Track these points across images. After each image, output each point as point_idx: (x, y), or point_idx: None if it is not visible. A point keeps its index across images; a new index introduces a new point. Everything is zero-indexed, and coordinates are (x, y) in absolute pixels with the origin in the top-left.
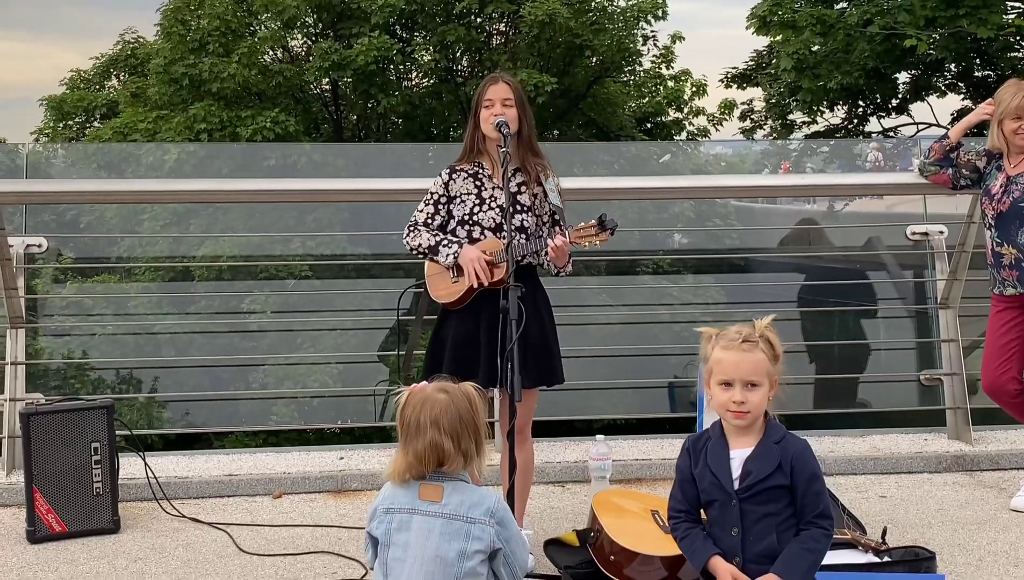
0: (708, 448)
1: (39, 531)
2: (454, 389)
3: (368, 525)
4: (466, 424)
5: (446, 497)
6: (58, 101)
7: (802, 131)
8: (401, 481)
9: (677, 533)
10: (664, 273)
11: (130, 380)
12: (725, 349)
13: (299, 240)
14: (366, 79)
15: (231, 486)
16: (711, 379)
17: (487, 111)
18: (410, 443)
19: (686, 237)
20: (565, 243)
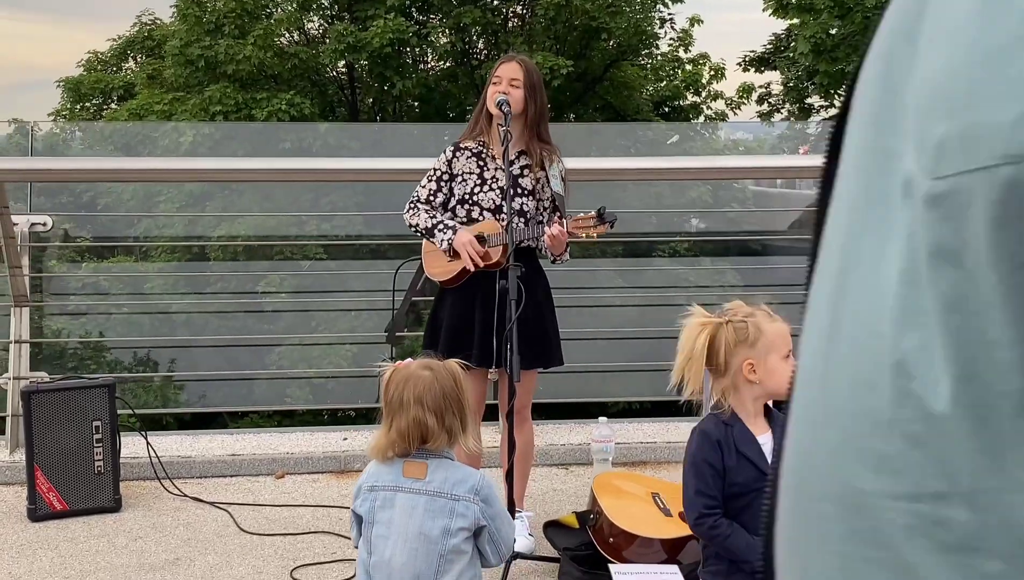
0: (735, 438)
1: (40, 509)
2: (438, 366)
3: (353, 503)
4: (450, 401)
5: (430, 474)
6: (75, 83)
7: (820, 115)
8: (384, 458)
9: (721, 529)
10: (680, 256)
11: (147, 361)
12: (773, 320)
13: (314, 222)
14: (381, 62)
15: (234, 466)
16: (768, 357)
17: (494, 88)
18: (393, 420)
19: (703, 221)
20: (562, 232)
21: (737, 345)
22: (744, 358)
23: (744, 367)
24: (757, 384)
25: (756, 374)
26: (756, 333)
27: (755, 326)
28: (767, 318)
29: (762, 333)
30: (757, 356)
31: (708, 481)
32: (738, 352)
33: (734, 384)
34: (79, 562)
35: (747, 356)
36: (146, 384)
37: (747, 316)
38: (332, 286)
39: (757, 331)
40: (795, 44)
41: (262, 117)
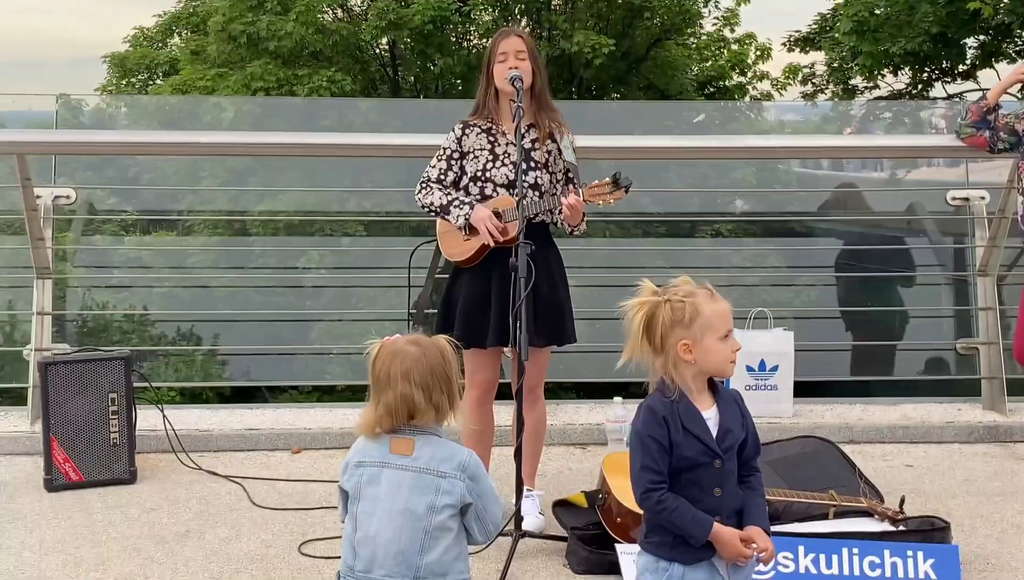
0: (680, 413)
1: (56, 480)
2: (426, 342)
3: (340, 479)
4: (438, 377)
5: (417, 451)
6: (121, 58)
7: (864, 96)
8: (371, 434)
9: (666, 503)
10: (723, 237)
11: (190, 335)
12: (714, 301)
13: (355, 199)
14: (423, 39)
15: (251, 440)
16: (705, 338)
17: (501, 65)
18: (381, 395)
19: (747, 202)
20: (579, 201)
21: (673, 325)
22: (679, 338)
23: (680, 347)
24: (693, 363)
25: (692, 354)
26: (693, 313)
27: (693, 306)
28: (708, 298)
29: (699, 314)
30: (693, 336)
31: (654, 456)
32: (674, 332)
33: (673, 363)
34: (91, 532)
35: (682, 336)
36: (187, 358)
37: (687, 295)
38: (372, 263)
39: (695, 311)
40: (839, 24)
41: (303, 94)
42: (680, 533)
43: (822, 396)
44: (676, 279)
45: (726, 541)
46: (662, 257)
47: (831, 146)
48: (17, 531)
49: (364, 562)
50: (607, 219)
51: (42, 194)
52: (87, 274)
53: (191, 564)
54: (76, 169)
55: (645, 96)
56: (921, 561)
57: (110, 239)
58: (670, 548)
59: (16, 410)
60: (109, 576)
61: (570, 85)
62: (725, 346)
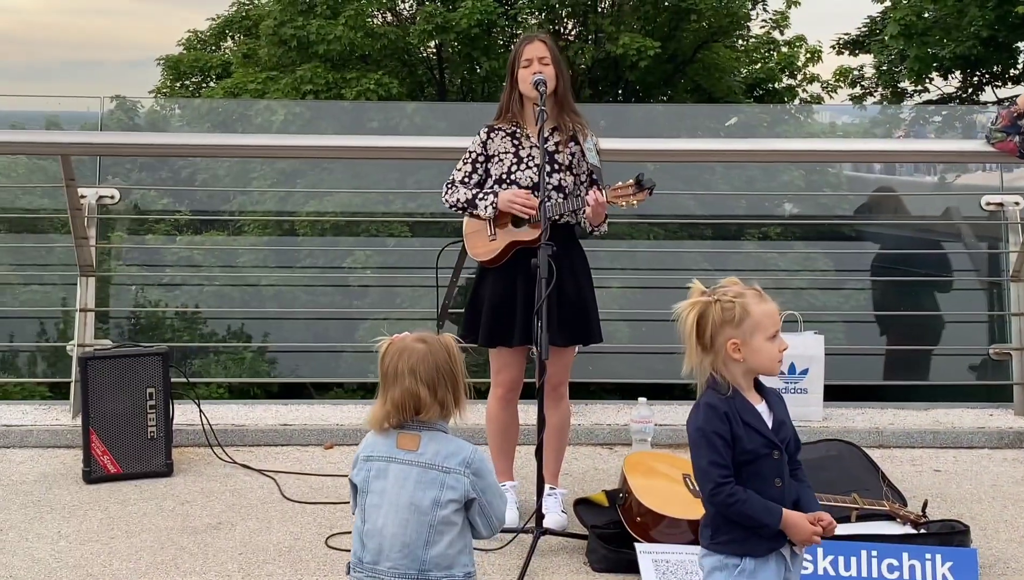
0: (737, 408)
1: (95, 472)
2: (433, 339)
3: (350, 472)
4: (443, 374)
5: (423, 446)
6: (174, 61)
7: (913, 100)
8: (380, 429)
9: (738, 495)
10: (770, 240)
11: (240, 334)
12: (763, 301)
13: (400, 201)
14: (470, 42)
15: (285, 435)
16: (753, 337)
17: (525, 70)
18: (388, 391)
19: (795, 205)
20: (603, 201)
21: (723, 324)
22: (729, 337)
23: (729, 346)
24: (741, 362)
25: (740, 353)
26: (743, 313)
27: (742, 306)
28: (757, 298)
29: (749, 314)
30: (742, 335)
31: (720, 451)
32: (723, 331)
33: (723, 361)
34: (126, 523)
35: (732, 335)
36: (237, 356)
37: (736, 296)
38: (416, 263)
39: (744, 311)
40: (887, 28)
41: (351, 97)
42: (753, 524)
43: (856, 400)
44: (725, 280)
45: (797, 524)
46: (705, 259)
47: (853, 150)
48: (55, 520)
49: (372, 554)
50: (651, 221)
51: (87, 194)
52: (135, 273)
53: (221, 555)
54: (131, 170)
55: (692, 99)
56: (939, 564)
57: (162, 238)
58: (742, 543)
59: (59, 404)
60: (142, 565)
61: (616, 88)
62: (773, 345)
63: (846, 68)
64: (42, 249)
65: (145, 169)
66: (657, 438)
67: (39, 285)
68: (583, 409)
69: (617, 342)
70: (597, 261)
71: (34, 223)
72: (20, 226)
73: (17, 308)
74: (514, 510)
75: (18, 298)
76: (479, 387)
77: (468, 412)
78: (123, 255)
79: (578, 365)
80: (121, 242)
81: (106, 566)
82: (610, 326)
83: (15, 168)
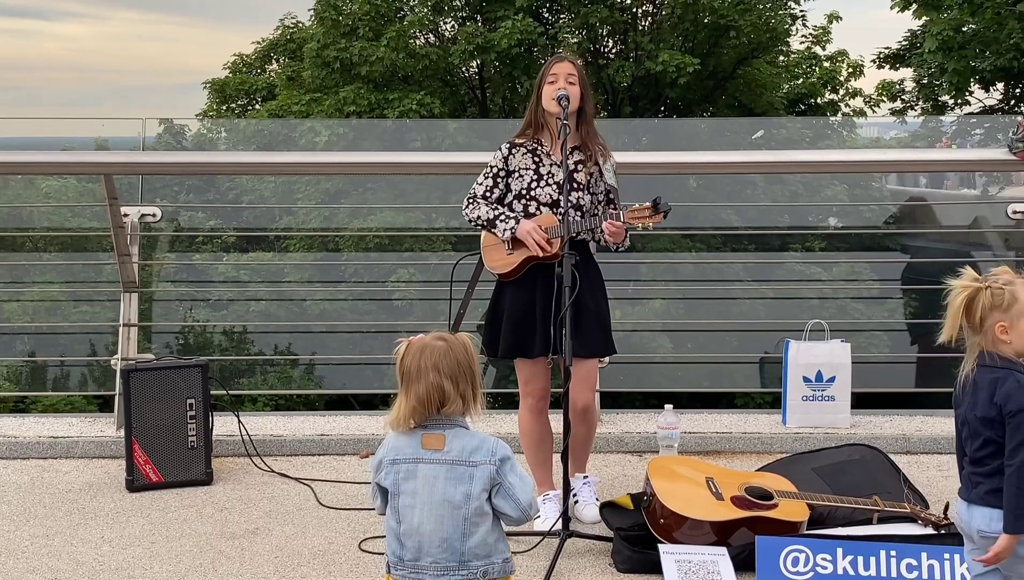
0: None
1: (137, 481)
2: (451, 337)
3: (375, 476)
4: (463, 369)
5: (448, 445)
6: (220, 84)
7: (954, 112)
8: (405, 427)
9: None
10: (811, 251)
11: (286, 350)
12: None
13: (443, 219)
14: (510, 62)
15: (322, 445)
16: (1020, 321)
17: (551, 87)
18: (411, 388)
19: (840, 219)
20: (620, 227)
21: (992, 309)
22: (997, 321)
23: (997, 328)
24: (1008, 344)
25: (1008, 335)
26: (1011, 299)
27: (1011, 293)
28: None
29: (1017, 300)
30: (1009, 319)
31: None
32: (992, 315)
33: (992, 341)
34: (166, 529)
35: (1000, 319)
36: (283, 375)
37: (1006, 283)
38: (461, 278)
39: (1012, 298)
40: (925, 42)
41: (393, 117)
42: None
43: (884, 407)
44: (997, 269)
45: None
46: (746, 271)
47: (872, 160)
48: (98, 527)
49: (412, 552)
50: (692, 233)
51: (129, 212)
52: (183, 290)
53: (257, 558)
54: (179, 192)
55: (733, 115)
56: (958, 564)
57: (209, 257)
58: None
59: (105, 416)
60: (182, 568)
61: (656, 105)
62: None
63: (888, 82)
64: (91, 269)
65: (193, 191)
66: (685, 445)
67: (88, 303)
68: (613, 418)
69: (659, 353)
70: (637, 273)
71: (84, 243)
72: (72, 246)
73: (68, 324)
74: (555, 518)
75: (69, 317)
76: (509, 397)
77: (482, 409)
78: (173, 274)
79: (612, 375)
80: (169, 261)
81: (147, 569)
82: (652, 338)
83: (65, 192)
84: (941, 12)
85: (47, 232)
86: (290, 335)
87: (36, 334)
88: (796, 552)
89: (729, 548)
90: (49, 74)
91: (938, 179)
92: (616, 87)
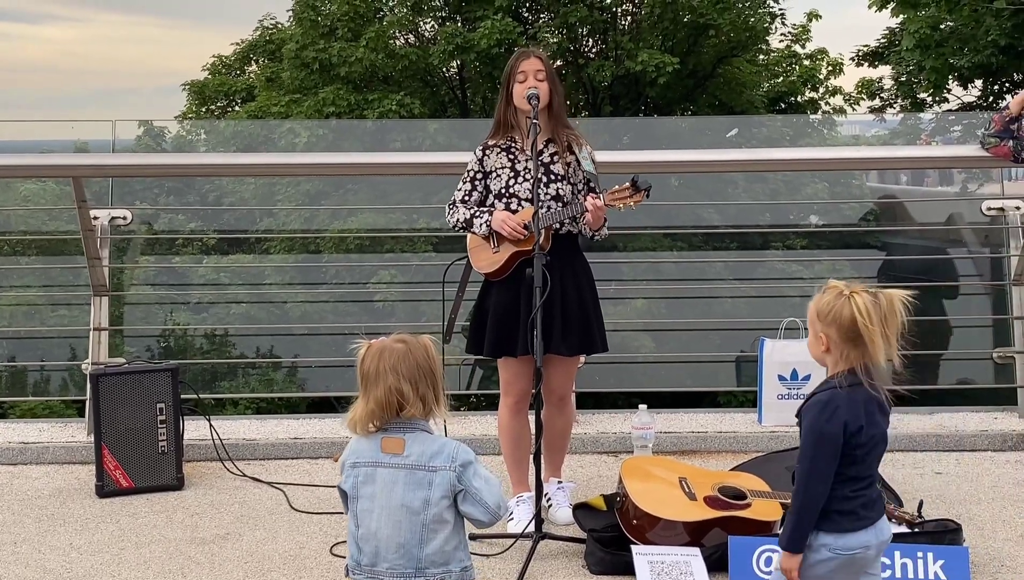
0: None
1: (107, 486)
2: (411, 339)
3: (339, 480)
4: (423, 372)
5: (407, 449)
6: (200, 86)
7: (933, 109)
8: (363, 430)
9: None
10: (791, 249)
11: (269, 354)
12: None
13: (424, 219)
14: (490, 61)
15: (295, 449)
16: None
17: (520, 85)
18: (370, 391)
19: (822, 217)
20: (601, 204)
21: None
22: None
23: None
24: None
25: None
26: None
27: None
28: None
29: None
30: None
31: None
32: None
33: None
34: (136, 535)
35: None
36: (264, 376)
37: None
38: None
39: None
40: (903, 40)
41: (373, 117)
42: None
43: None
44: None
45: None
46: (728, 269)
47: (844, 158)
48: (67, 533)
49: (369, 556)
50: (674, 232)
51: (99, 215)
52: (162, 293)
53: (227, 563)
54: (159, 194)
55: (714, 113)
56: (931, 562)
57: (188, 260)
58: None
59: (75, 422)
60: (150, 574)
61: (637, 104)
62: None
63: (868, 80)
64: (69, 273)
65: (172, 193)
66: (661, 445)
67: (67, 307)
68: (589, 418)
69: (641, 353)
70: (619, 273)
71: (62, 247)
72: (50, 250)
73: (46, 329)
74: (528, 520)
75: (47, 321)
76: (491, 398)
77: (446, 411)
78: (153, 277)
79: (594, 375)
80: (146, 264)
81: (115, 575)
82: (634, 337)
83: (43, 195)
84: (918, 10)
85: (23, 236)
86: (271, 337)
87: (15, 339)
88: (769, 552)
89: (702, 548)
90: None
91: (918, 176)
92: (596, 86)
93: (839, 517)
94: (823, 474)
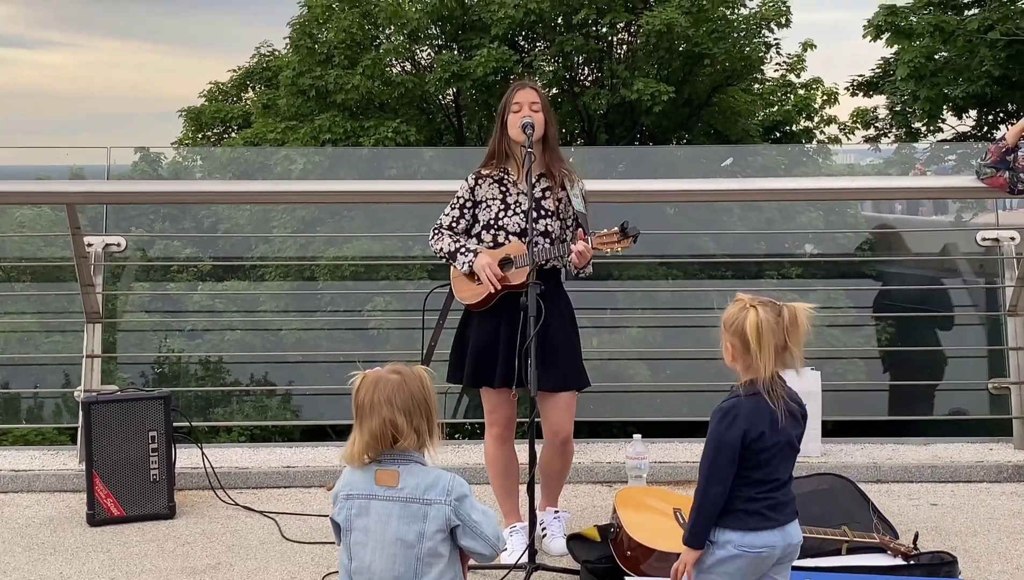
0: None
1: (98, 515)
2: (407, 370)
3: (332, 511)
4: (418, 403)
5: (401, 481)
6: (196, 113)
7: (927, 139)
8: (359, 463)
9: None
10: (788, 278)
11: (263, 381)
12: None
13: (419, 247)
14: (486, 89)
15: (288, 478)
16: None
17: (515, 115)
18: (365, 423)
19: (816, 246)
20: (588, 249)
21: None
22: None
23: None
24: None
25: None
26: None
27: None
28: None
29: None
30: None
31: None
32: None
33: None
34: (127, 564)
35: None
36: (258, 404)
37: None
38: (433, 306)
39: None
40: (897, 70)
41: (369, 144)
42: None
43: (854, 436)
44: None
45: None
46: (723, 298)
47: (839, 188)
48: (57, 562)
49: None
50: (669, 261)
51: (93, 242)
52: (157, 320)
53: None
54: (155, 221)
55: (709, 142)
56: None
57: (184, 286)
58: None
59: (67, 449)
60: None
61: (632, 132)
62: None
63: (863, 109)
64: (63, 299)
65: (168, 219)
66: (655, 475)
67: (61, 333)
68: (583, 447)
69: (636, 381)
70: (614, 301)
71: (57, 273)
72: (44, 277)
73: (40, 355)
74: (522, 550)
75: (40, 347)
76: (477, 427)
77: (440, 443)
78: (147, 304)
79: (589, 405)
80: (141, 290)
81: None
82: (629, 366)
83: (39, 220)
84: (913, 40)
85: (18, 262)
86: (266, 365)
87: (8, 365)
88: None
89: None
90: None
91: (913, 205)
92: (592, 115)
93: (745, 516)
94: (720, 477)
